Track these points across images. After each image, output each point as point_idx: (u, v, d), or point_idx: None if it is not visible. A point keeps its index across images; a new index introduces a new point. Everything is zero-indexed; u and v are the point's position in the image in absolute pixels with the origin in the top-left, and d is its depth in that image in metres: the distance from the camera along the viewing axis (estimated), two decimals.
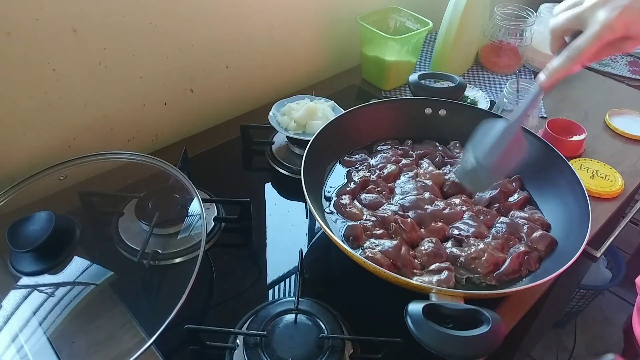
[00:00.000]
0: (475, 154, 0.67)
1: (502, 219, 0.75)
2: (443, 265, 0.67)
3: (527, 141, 0.82)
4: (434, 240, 0.70)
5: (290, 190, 0.86)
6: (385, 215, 0.73)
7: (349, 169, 0.84)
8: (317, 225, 0.80)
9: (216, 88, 0.99)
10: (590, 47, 0.58)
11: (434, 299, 0.57)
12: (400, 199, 0.77)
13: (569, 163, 0.76)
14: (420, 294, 0.59)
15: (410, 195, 0.77)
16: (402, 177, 0.82)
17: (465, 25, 1.08)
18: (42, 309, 0.63)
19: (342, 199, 0.76)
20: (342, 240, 0.69)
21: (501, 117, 0.88)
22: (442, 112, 0.90)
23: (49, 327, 0.61)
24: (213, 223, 0.78)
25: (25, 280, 0.66)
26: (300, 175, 0.71)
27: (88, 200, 0.77)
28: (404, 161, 0.84)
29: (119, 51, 0.81)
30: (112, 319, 0.64)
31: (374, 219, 0.73)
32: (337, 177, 0.83)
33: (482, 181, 0.71)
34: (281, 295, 0.69)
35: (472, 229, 0.72)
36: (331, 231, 0.65)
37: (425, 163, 0.85)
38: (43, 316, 0.62)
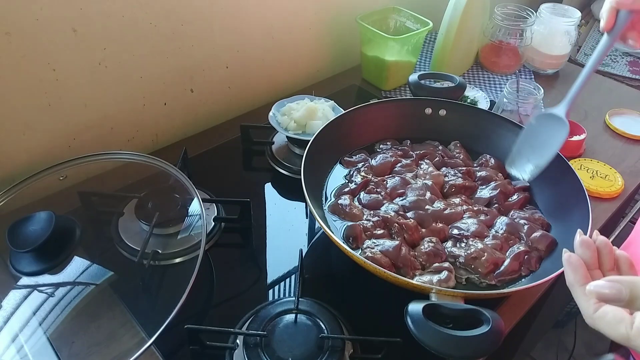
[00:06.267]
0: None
1: (502, 218, 0.75)
2: (443, 265, 0.67)
3: None
4: (434, 240, 0.70)
5: (290, 190, 0.86)
6: (388, 216, 0.73)
7: (349, 169, 0.84)
8: (317, 225, 0.80)
9: (216, 88, 0.99)
10: None
11: (434, 299, 0.57)
12: (401, 199, 0.77)
13: (569, 163, 0.76)
14: (420, 294, 0.59)
15: (411, 196, 0.77)
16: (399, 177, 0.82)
17: (465, 25, 1.08)
18: (42, 309, 0.62)
19: (341, 199, 0.76)
20: (342, 241, 0.69)
21: (503, 117, 0.88)
22: (442, 112, 0.90)
23: (49, 327, 0.61)
24: (213, 223, 0.78)
25: (25, 280, 0.66)
26: (300, 175, 0.71)
27: (88, 200, 0.77)
28: (403, 161, 0.84)
29: (119, 51, 0.81)
30: (112, 319, 0.64)
31: (374, 219, 0.73)
32: (337, 177, 0.83)
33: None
34: (281, 295, 0.69)
35: (472, 229, 0.72)
36: (331, 231, 0.65)
37: (425, 163, 0.85)
38: (43, 316, 0.62)
